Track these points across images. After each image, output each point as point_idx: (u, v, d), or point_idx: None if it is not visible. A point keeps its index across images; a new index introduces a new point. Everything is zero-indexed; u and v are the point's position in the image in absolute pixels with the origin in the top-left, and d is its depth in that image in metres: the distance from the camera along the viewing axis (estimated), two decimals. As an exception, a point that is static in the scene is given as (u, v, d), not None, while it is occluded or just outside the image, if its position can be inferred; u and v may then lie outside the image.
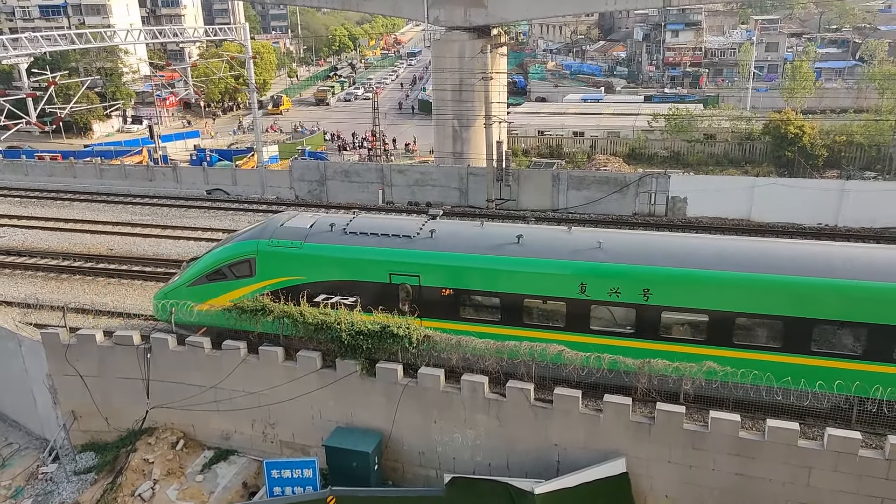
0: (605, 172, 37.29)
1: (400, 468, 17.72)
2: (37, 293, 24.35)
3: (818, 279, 15.26)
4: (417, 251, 17.40)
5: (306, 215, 19.73)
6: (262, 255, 18.16)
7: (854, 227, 29.88)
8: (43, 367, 19.69)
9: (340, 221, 18.67)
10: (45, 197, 39.42)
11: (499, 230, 18.53)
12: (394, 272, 17.39)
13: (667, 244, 17.32)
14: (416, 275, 17.24)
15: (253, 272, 18.21)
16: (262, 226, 19.41)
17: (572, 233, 17.87)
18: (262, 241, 18.31)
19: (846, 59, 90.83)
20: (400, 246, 17.58)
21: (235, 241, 19.11)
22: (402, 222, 19.16)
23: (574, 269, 16.41)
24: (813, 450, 14.22)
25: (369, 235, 17.87)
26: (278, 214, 20.15)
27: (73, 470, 19.39)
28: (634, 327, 16.22)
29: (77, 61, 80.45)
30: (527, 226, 19.73)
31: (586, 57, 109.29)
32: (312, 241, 18.03)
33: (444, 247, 17.44)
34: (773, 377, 14.66)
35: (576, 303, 16.33)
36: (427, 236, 17.70)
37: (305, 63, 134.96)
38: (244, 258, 18.36)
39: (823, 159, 49.70)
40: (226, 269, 18.54)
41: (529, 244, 17.10)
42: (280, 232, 18.42)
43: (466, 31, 41.94)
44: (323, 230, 18.30)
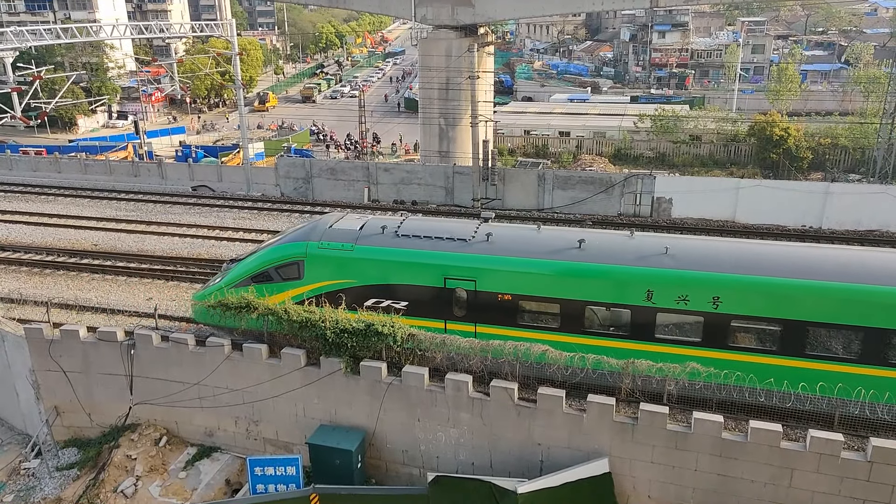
0: (590, 172, 37.46)
1: (383, 466, 17.76)
2: (20, 288, 24.16)
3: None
4: (474, 255, 17.06)
5: (353, 216, 19.42)
6: (312, 257, 17.80)
7: (838, 229, 30.22)
8: (26, 363, 19.56)
9: (391, 223, 18.31)
10: (29, 192, 39.07)
11: (558, 234, 18.21)
12: (449, 276, 17.05)
13: (737, 251, 16.94)
14: (473, 279, 16.88)
15: (301, 275, 17.86)
16: (309, 227, 18.98)
17: (635, 237, 17.43)
18: (311, 243, 17.95)
19: (832, 62, 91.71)
20: (455, 249, 17.26)
21: (282, 243, 18.65)
22: (454, 225, 18.91)
23: (640, 275, 16.06)
24: (795, 451, 14.39)
25: (422, 238, 17.56)
26: (325, 216, 19.81)
27: (55, 466, 19.29)
28: (702, 336, 15.82)
29: (63, 56, 79.65)
30: (586, 230, 19.25)
31: (573, 57, 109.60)
32: (364, 244, 17.68)
33: (501, 251, 17.09)
34: (849, 389, 14.46)
35: (641, 310, 16.00)
36: (483, 240, 17.36)
37: (292, 60, 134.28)
38: (292, 260, 17.98)
39: (808, 161, 50.16)
40: (272, 272, 18.17)
41: (592, 249, 16.75)
42: (329, 234, 18.08)
43: (453, 30, 41.98)
44: (374, 232, 17.96)
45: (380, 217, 19.72)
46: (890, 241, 28.44)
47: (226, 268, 20.19)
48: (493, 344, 16.22)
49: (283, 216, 33.99)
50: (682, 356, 15.53)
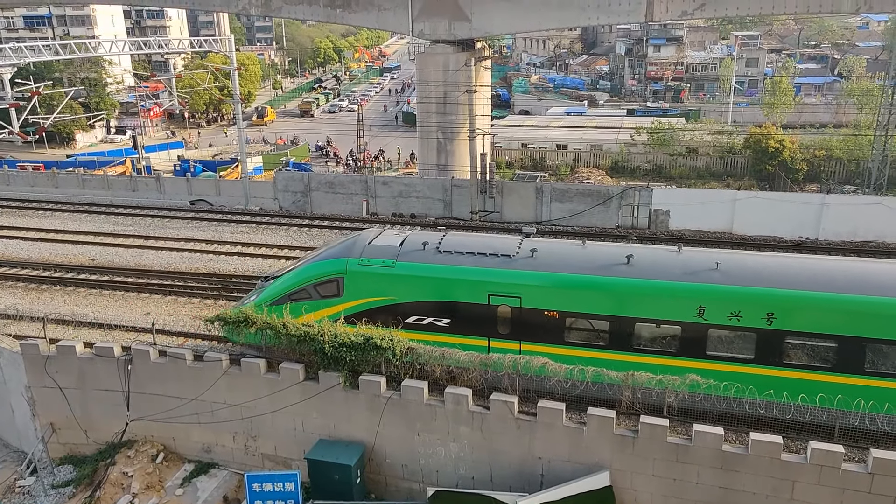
0: (587, 185, 37.59)
1: (383, 481, 17.64)
2: (17, 304, 24.05)
3: None
4: (519, 271, 16.77)
5: (392, 232, 19.12)
6: (352, 274, 17.48)
7: (835, 240, 30.32)
8: (22, 379, 19.45)
9: (432, 239, 18.06)
10: (27, 207, 39.00)
11: (604, 250, 18.00)
12: (493, 293, 16.73)
13: (790, 266, 16.64)
14: (518, 296, 16.57)
15: (340, 292, 17.57)
16: (348, 244, 18.67)
17: (683, 253, 17.17)
18: (350, 259, 17.64)
19: (825, 75, 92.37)
20: (499, 266, 16.94)
21: (321, 260, 18.37)
22: (497, 240, 18.61)
23: (691, 291, 15.81)
24: (796, 463, 14.34)
25: (465, 254, 17.26)
26: (364, 232, 19.39)
27: (50, 483, 19.14)
28: (755, 353, 15.54)
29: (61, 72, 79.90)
30: (632, 245, 18.85)
31: (569, 71, 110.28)
32: (405, 260, 17.39)
33: (547, 267, 16.81)
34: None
35: (692, 326, 15.74)
36: (528, 255, 17.09)
37: (290, 75, 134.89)
38: (331, 277, 17.66)
39: (804, 173, 50.40)
40: (311, 289, 17.84)
41: (641, 265, 16.51)
42: (370, 250, 17.78)
43: (451, 45, 42.23)
44: (415, 248, 17.70)
45: (419, 233, 19.42)
46: (886, 251, 28.51)
47: (260, 285, 19.81)
48: (492, 357, 16.18)
49: (282, 230, 33.98)
50: (733, 373, 15.35)
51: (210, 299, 24.69)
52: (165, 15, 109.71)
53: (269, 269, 22.59)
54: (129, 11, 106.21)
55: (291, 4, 44.24)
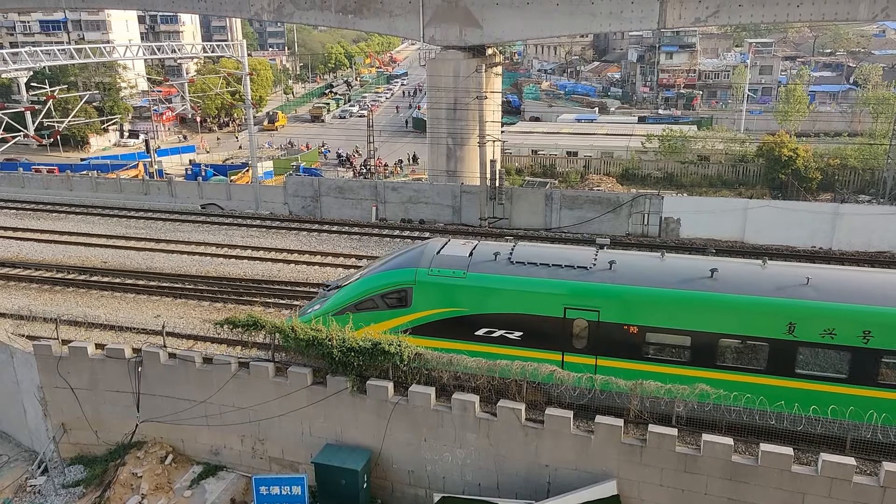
0: (598, 192, 37.53)
1: (389, 487, 17.64)
2: (30, 305, 24.28)
3: None
4: (597, 284, 16.32)
5: (458, 242, 18.83)
6: (421, 284, 17.12)
7: (848, 250, 30.09)
8: (34, 379, 19.62)
9: (503, 249, 17.71)
10: (41, 209, 39.42)
11: (685, 263, 17.59)
12: (569, 306, 16.27)
13: (888, 282, 16.11)
14: (596, 309, 16.11)
15: (409, 303, 17.23)
16: (415, 253, 18.26)
17: (768, 267, 16.70)
18: (420, 269, 17.27)
19: (840, 83, 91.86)
20: (576, 278, 16.50)
21: (388, 270, 17.98)
22: (571, 252, 18.23)
23: (781, 306, 15.28)
24: (807, 475, 14.21)
25: (539, 266, 16.88)
26: (430, 241, 19.13)
27: (61, 483, 19.27)
28: (849, 372, 15.02)
29: (76, 76, 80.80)
30: (712, 258, 18.09)
31: (580, 77, 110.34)
32: (476, 271, 17.00)
33: (627, 280, 16.36)
34: None
35: (781, 344, 15.20)
36: (606, 268, 16.67)
37: (301, 80, 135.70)
38: (400, 287, 17.31)
39: (817, 182, 50.04)
40: (378, 299, 17.50)
41: (726, 279, 16.01)
42: (439, 261, 17.44)
43: (461, 51, 42.34)
44: (486, 259, 17.31)
45: (488, 243, 19.05)
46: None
47: (323, 294, 19.49)
48: (500, 364, 16.15)
49: (292, 234, 34.14)
50: (825, 393, 14.93)
51: (220, 302, 24.84)
52: (179, 20, 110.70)
53: (332, 279, 21.83)
54: (143, 17, 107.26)
55: (303, 10, 44.53)
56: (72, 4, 50.59)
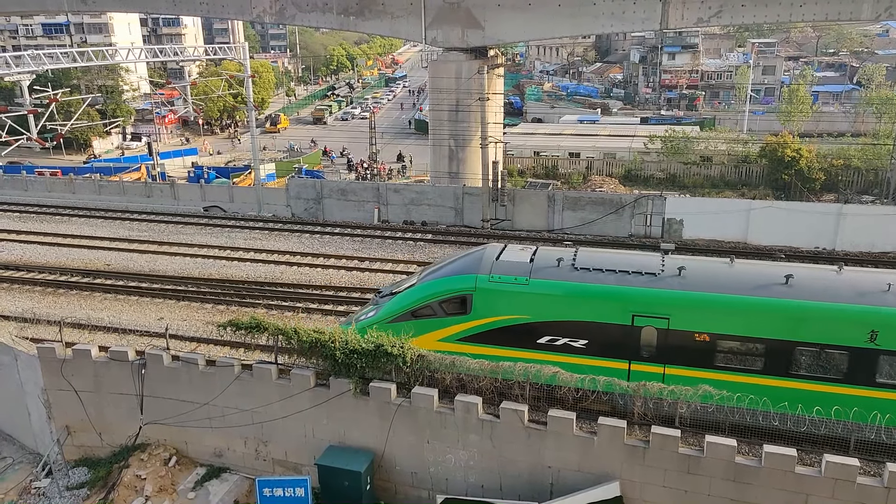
0: (600, 193, 37.50)
1: (392, 488, 17.64)
2: (34, 307, 24.36)
3: None
4: (668, 290, 15.94)
5: (517, 247, 18.48)
6: (481, 291, 16.77)
7: (852, 251, 30.01)
8: (38, 382, 19.68)
9: (565, 255, 17.38)
10: (44, 212, 39.54)
11: (757, 269, 17.18)
12: (637, 313, 15.87)
13: None
14: (666, 317, 15.71)
15: (468, 309, 16.87)
16: (473, 259, 17.91)
17: (844, 272, 16.30)
18: (480, 276, 16.91)
19: (843, 83, 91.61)
20: (644, 284, 16.14)
21: (446, 276, 17.65)
22: (636, 258, 17.82)
23: (863, 314, 14.92)
24: (810, 476, 14.18)
25: (605, 272, 16.51)
26: (487, 247, 18.73)
27: (65, 485, 19.31)
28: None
29: (79, 79, 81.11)
30: (782, 264, 17.72)
31: (583, 78, 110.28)
32: (539, 278, 16.64)
33: (698, 286, 15.98)
34: None
35: (862, 352, 14.84)
36: (675, 274, 16.30)
37: (303, 82, 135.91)
38: (459, 294, 16.95)
39: (821, 183, 49.95)
40: (436, 306, 17.16)
41: (802, 285, 15.59)
42: (499, 267, 17.09)
43: (463, 52, 42.36)
44: (548, 265, 16.99)
45: (547, 248, 18.73)
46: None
47: (375, 300, 19.23)
48: (503, 365, 16.14)
49: (294, 236, 34.18)
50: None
51: (223, 305, 24.89)
52: (181, 23, 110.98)
53: (385, 285, 21.33)
54: (145, 19, 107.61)
55: (305, 12, 44.59)
56: (74, 6, 50.71)
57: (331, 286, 26.54)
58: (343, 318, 21.26)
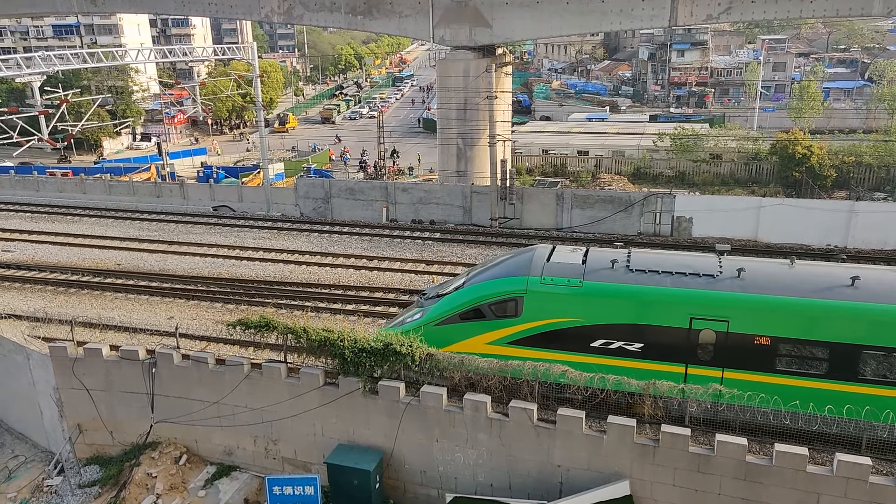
0: (609, 192, 37.38)
1: (401, 487, 17.66)
2: (46, 307, 24.54)
3: None
4: (727, 292, 15.60)
5: (565, 249, 18.14)
6: (533, 293, 16.49)
7: (864, 248, 29.80)
8: (50, 381, 19.83)
9: (619, 257, 17.07)
10: (56, 213, 39.82)
11: (819, 270, 16.80)
12: (696, 316, 15.55)
13: None
14: (725, 319, 15.39)
15: (518, 312, 16.59)
16: (521, 261, 17.63)
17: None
18: (531, 278, 16.63)
19: (855, 80, 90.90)
20: (703, 286, 15.79)
21: (496, 278, 17.32)
22: (692, 259, 17.52)
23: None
24: (822, 475, 14.10)
25: (661, 274, 16.22)
26: (537, 248, 18.42)
27: (77, 483, 19.45)
28: None
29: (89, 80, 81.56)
30: (843, 265, 17.16)
31: (591, 76, 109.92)
32: (593, 280, 16.35)
33: (759, 288, 15.65)
34: None
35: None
36: (734, 275, 15.96)
37: (312, 82, 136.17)
38: (509, 296, 16.68)
39: (832, 180, 49.52)
40: (485, 308, 16.85)
41: (870, 287, 15.27)
42: (551, 269, 16.83)
43: (471, 51, 42.28)
44: (602, 267, 16.68)
45: (598, 250, 18.40)
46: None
47: (420, 302, 18.96)
48: (511, 364, 16.12)
49: (303, 236, 34.27)
50: None
51: (232, 304, 24.99)
52: (190, 23, 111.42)
53: (428, 287, 20.99)
54: (154, 20, 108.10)
55: (313, 12, 44.64)
56: (83, 7, 51.00)
57: (339, 285, 26.60)
58: (386, 322, 20.64)
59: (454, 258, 29.96)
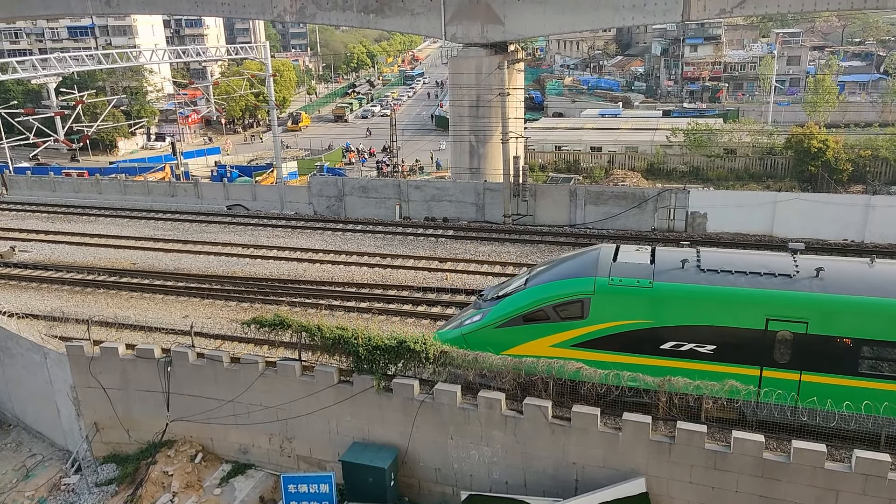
0: (623, 188, 37.17)
1: (416, 484, 17.66)
2: (62, 306, 24.77)
3: None
4: (807, 293, 15.09)
5: (630, 248, 17.74)
6: (601, 295, 16.03)
7: (881, 243, 29.45)
8: (67, 379, 20.00)
9: (688, 257, 16.60)
10: (72, 213, 40.20)
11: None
12: (772, 317, 15.07)
13: None
14: (804, 321, 14.88)
15: (585, 314, 16.15)
16: (587, 261, 17.21)
17: None
18: (599, 279, 16.19)
19: (870, 73, 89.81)
20: (780, 287, 15.29)
21: (562, 279, 16.94)
22: (766, 258, 17.05)
23: None
24: (840, 472, 13.93)
25: (735, 274, 15.74)
26: (601, 247, 17.93)
27: (94, 481, 19.62)
28: None
29: (104, 81, 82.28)
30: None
31: (604, 72, 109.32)
32: (664, 280, 15.90)
33: (839, 288, 15.14)
34: None
35: None
36: (812, 275, 15.43)
37: (324, 80, 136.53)
38: (575, 298, 16.23)
39: (848, 174, 48.93)
40: (549, 310, 16.44)
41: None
42: (618, 269, 16.41)
43: (483, 48, 42.18)
44: (672, 267, 16.25)
45: (665, 249, 17.97)
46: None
47: (478, 304, 18.49)
48: (526, 361, 16.07)
49: (317, 234, 34.37)
50: None
51: (247, 302, 25.11)
52: (203, 24, 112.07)
53: (487, 288, 20.57)
54: (168, 21, 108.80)
55: (325, 10, 44.73)
56: (98, 9, 51.41)
57: (353, 283, 26.65)
58: (440, 323, 20.03)
59: (467, 255, 29.93)
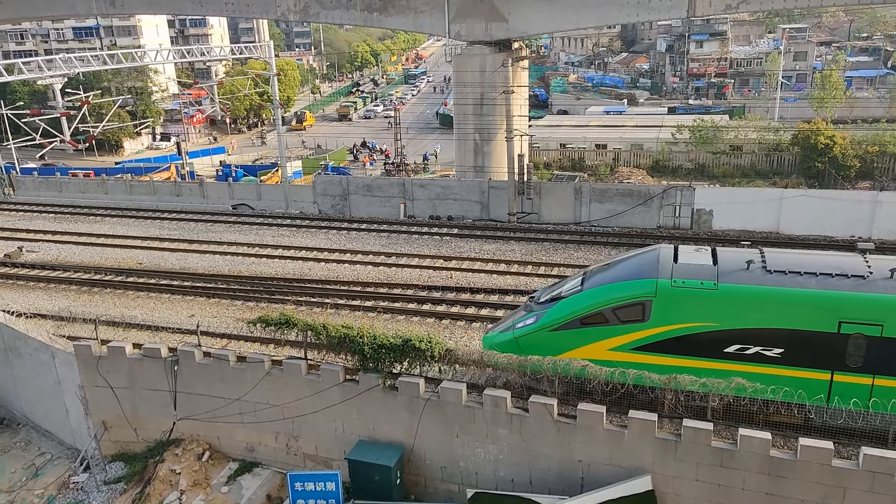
0: (628, 185, 37.07)
1: (422, 482, 17.70)
2: (70, 306, 24.89)
3: None
4: (881, 294, 14.71)
5: (688, 249, 17.25)
6: (663, 297, 15.58)
7: (889, 239, 29.29)
8: (75, 379, 20.12)
9: (753, 257, 16.18)
10: (78, 213, 40.36)
11: None
12: (845, 319, 14.68)
13: None
14: (879, 323, 14.48)
15: (646, 316, 15.74)
16: (647, 261, 16.82)
17: None
18: (660, 280, 15.74)
19: (878, 68, 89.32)
20: (853, 288, 14.87)
21: (621, 281, 16.58)
22: (835, 259, 16.60)
23: None
24: (847, 469, 13.90)
25: (804, 275, 15.30)
26: (660, 248, 17.47)
27: (102, 479, 19.75)
28: None
29: (109, 81, 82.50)
30: None
31: (608, 69, 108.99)
32: (729, 282, 15.44)
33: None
34: None
35: None
36: (886, 276, 15.06)
37: (328, 79, 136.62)
38: (636, 300, 15.82)
39: (855, 170, 48.68)
40: (608, 313, 16.07)
41: None
42: (680, 270, 15.95)
43: (487, 45, 42.09)
44: (737, 268, 15.80)
45: (727, 250, 17.57)
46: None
47: (529, 306, 18.13)
48: (531, 359, 16.06)
49: (322, 233, 34.43)
50: None
51: (252, 301, 25.18)
52: (207, 23, 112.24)
53: (539, 290, 20.22)
54: (172, 21, 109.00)
55: (329, 9, 44.70)
56: (102, 10, 51.49)
57: (358, 282, 26.69)
58: (492, 326, 19.36)
59: (472, 254, 29.93)
